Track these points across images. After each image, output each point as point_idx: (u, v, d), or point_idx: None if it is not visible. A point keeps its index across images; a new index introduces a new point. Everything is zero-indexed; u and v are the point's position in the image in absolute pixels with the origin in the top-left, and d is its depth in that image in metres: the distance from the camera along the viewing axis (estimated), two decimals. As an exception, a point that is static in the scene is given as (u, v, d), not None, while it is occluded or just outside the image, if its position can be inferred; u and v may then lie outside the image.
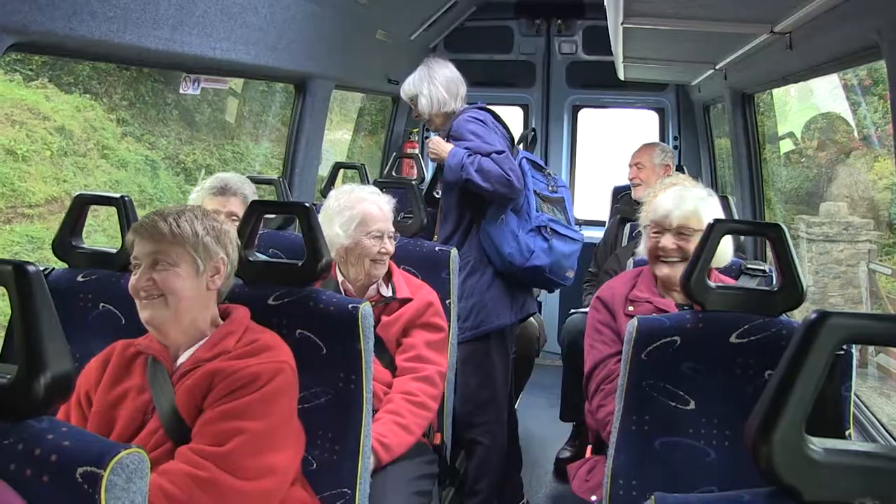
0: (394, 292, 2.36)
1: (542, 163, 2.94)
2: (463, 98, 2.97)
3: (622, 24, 2.35)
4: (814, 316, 0.93)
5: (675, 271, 2.23)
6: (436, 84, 2.92)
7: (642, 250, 2.42)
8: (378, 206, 2.38)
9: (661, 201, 2.33)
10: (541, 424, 4.09)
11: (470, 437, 2.86)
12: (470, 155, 2.75)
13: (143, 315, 1.61)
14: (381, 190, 2.50)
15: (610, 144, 5.76)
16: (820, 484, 0.91)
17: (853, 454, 0.92)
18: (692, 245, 2.21)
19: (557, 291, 5.08)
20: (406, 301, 2.35)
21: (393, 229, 2.40)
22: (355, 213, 2.34)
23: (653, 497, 1.00)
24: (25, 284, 1.01)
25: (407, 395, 2.22)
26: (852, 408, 1.83)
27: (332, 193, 2.47)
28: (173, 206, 1.68)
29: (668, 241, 2.27)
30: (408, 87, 2.99)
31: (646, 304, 2.25)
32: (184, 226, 1.62)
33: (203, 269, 1.64)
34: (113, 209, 2.09)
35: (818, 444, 0.92)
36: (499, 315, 2.86)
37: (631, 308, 2.26)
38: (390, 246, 2.36)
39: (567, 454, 3.61)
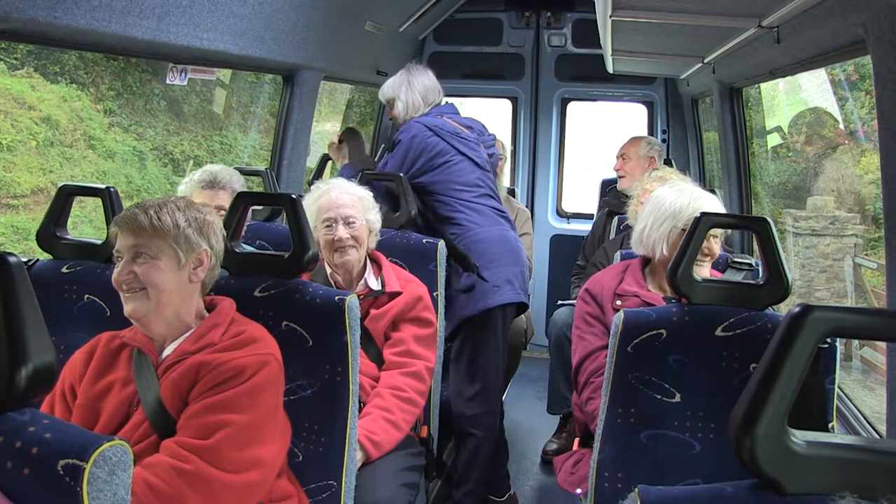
0: (383, 286, 2.35)
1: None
2: (437, 106, 3.06)
3: (611, 16, 2.35)
4: (797, 309, 0.93)
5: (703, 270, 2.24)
6: (413, 91, 3.02)
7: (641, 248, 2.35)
8: (334, 194, 2.35)
9: (681, 203, 2.24)
10: (528, 417, 4.11)
11: (462, 428, 2.87)
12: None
13: (127, 308, 1.60)
14: (370, 182, 2.48)
15: (599, 137, 5.76)
16: (801, 476, 0.92)
17: (835, 447, 0.93)
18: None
19: (545, 284, 5.11)
20: (395, 294, 2.34)
21: (351, 214, 2.34)
22: (315, 206, 2.35)
23: (637, 489, 1.00)
24: (5, 274, 1.00)
25: (396, 390, 2.22)
26: (836, 401, 1.85)
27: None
28: (156, 198, 1.67)
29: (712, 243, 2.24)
30: (386, 90, 3.08)
31: (633, 297, 2.26)
32: (165, 218, 1.61)
33: (185, 261, 1.62)
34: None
35: (800, 437, 0.93)
36: (463, 307, 2.84)
37: (619, 302, 2.26)
38: (342, 232, 2.31)
39: (554, 446, 3.63)
